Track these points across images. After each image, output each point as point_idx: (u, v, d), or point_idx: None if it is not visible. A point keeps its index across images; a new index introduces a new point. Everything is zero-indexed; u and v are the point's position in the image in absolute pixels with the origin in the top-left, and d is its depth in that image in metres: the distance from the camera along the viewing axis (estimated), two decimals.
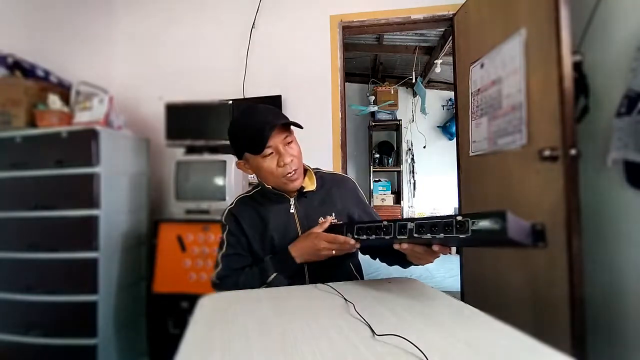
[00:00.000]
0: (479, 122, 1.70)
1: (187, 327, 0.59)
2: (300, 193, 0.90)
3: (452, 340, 0.50)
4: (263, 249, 0.89)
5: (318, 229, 0.83)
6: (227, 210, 0.93)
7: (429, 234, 0.62)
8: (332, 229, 0.83)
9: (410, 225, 0.65)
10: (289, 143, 0.84)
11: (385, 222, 0.71)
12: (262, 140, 0.79)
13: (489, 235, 0.53)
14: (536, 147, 1.27)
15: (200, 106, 1.87)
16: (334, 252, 0.79)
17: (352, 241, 0.75)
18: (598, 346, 1.21)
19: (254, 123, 0.81)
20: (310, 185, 0.92)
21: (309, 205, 0.91)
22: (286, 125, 0.83)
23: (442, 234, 0.60)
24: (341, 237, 0.77)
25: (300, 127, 0.83)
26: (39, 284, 1.56)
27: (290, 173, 0.83)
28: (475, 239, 0.56)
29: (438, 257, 0.69)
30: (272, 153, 0.83)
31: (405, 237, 0.66)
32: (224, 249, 0.90)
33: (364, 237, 0.75)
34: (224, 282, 0.87)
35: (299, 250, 0.83)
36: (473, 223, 0.56)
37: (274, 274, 0.82)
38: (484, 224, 0.54)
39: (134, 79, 2.34)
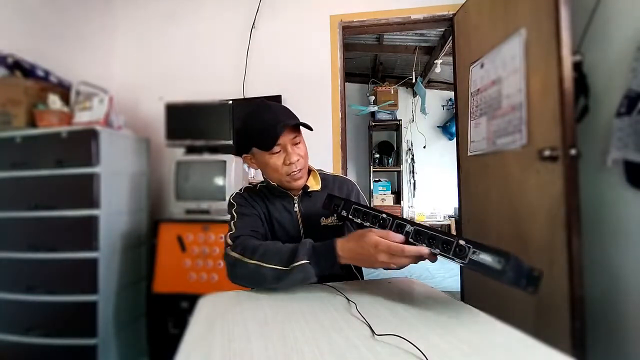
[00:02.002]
0: (477, 122, 1.70)
1: (187, 327, 0.59)
2: (305, 192, 0.91)
3: (452, 340, 0.50)
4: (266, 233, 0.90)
5: (374, 235, 0.63)
6: (234, 193, 0.94)
7: (424, 244, 0.61)
8: (330, 198, 0.82)
9: (409, 228, 0.64)
10: (296, 143, 0.86)
11: (384, 215, 0.69)
12: (273, 137, 0.80)
13: (485, 270, 0.53)
14: (536, 147, 1.28)
15: (200, 106, 1.87)
16: (394, 266, 0.63)
17: (427, 250, 0.60)
18: (598, 346, 1.21)
19: (267, 120, 0.82)
20: (315, 185, 0.94)
21: (312, 205, 0.92)
22: (296, 126, 0.85)
23: (438, 250, 0.59)
24: (412, 248, 0.60)
25: (310, 128, 0.84)
26: (39, 284, 1.56)
27: (294, 172, 0.85)
28: (470, 268, 0.55)
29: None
30: (279, 151, 0.84)
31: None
32: (236, 218, 0.85)
33: (358, 220, 0.74)
34: (241, 241, 0.78)
35: (348, 252, 0.68)
36: (474, 252, 0.55)
37: (305, 261, 0.67)
38: (485, 258, 0.53)
39: (134, 79, 2.34)
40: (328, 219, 0.90)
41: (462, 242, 0.56)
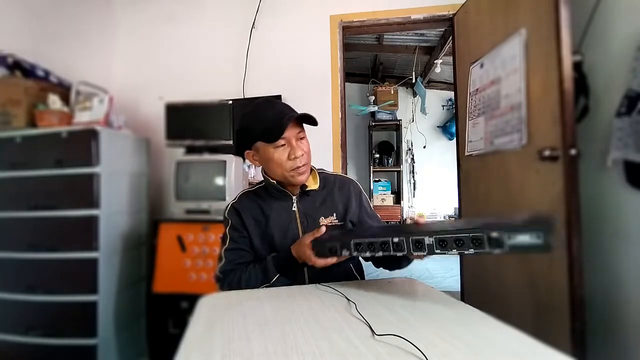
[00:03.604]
0: (475, 121, 1.70)
1: (187, 327, 0.59)
2: (303, 192, 0.90)
3: (452, 340, 0.50)
4: (263, 245, 0.90)
5: (309, 237, 0.77)
6: (229, 206, 0.94)
7: (454, 250, 0.57)
8: (318, 244, 0.75)
9: (428, 240, 0.60)
10: (301, 139, 0.86)
11: (396, 239, 0.64)
12: (279, 128, 0.81)
13: (529, 249, 0.49)
14: (536, 147, 1.27)
15: (200, 106, 1.87)
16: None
17: (334, 260, 0.73)
18: (598, 346, 1.21)
19: (273, 112, 0.83)
20: (314, 184, 0.93)
21: (311, 204, 0.91)
22: (300, 122, 0.86)
23: (471, 250, 0.55)
24: (326, 261, 0.74)
25: (315, 123, 0.85)
26: (39, 284, 1.56)
27: (299, 167, 0.84)
28: (511, 253, 0.51)
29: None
30: (284, 145, 0.84)
31: (424, 253, 0.61)
32: (227, 243, 0.90)
33: (367, 254, 0.68)
34: (227, 276, 0.87)
35: (297, 252, 0.80)
36: (509, 237, 0.51)
37: (277, 275, 0.82)
38: (524, 238, 0.50)
39: (134, 79, 2.34)
40: (327, 218, 0.90)
41: (494, 234, 0.52)
